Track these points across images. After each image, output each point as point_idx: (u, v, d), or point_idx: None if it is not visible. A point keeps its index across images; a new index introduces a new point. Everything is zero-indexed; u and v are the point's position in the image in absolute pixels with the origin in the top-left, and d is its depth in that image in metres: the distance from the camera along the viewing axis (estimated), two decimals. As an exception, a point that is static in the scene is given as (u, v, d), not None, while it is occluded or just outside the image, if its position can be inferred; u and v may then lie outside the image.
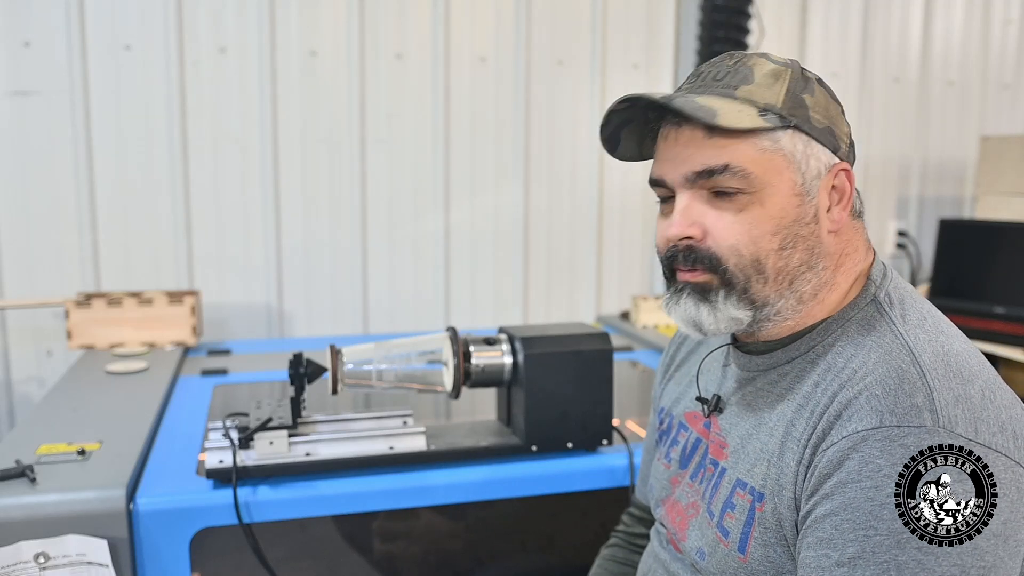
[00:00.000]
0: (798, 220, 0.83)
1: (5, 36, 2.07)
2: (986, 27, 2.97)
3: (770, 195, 0.82)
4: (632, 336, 2.24)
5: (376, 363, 1.25)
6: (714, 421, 0.96)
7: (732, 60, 0.87)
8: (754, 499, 0.84)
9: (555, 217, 2.55)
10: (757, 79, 0.84)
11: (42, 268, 2.15)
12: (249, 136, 2.25)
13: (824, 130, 0.85)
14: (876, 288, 0.87)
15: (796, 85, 0.85)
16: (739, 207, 0.83)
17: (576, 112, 2.52)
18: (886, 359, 0.78)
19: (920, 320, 0.84)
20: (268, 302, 2.33)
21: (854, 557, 0.72)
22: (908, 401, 0.74)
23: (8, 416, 2.20)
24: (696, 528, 0.93)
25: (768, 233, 0.83)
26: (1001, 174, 2.66)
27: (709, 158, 0.82)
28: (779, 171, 0.83)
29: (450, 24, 2.37)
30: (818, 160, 0.84)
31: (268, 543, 1.18)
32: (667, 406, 1.10)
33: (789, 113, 0.83)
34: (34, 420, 1.42)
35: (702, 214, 0.84)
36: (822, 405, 0.80)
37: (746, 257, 0.83)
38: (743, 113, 0.82)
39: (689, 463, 0.99)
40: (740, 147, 0.82)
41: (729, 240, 0.83)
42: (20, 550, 1.05)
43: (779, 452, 0.83)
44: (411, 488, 1.24)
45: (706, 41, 2.44)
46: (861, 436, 0.74)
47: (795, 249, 0.84)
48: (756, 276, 0.84)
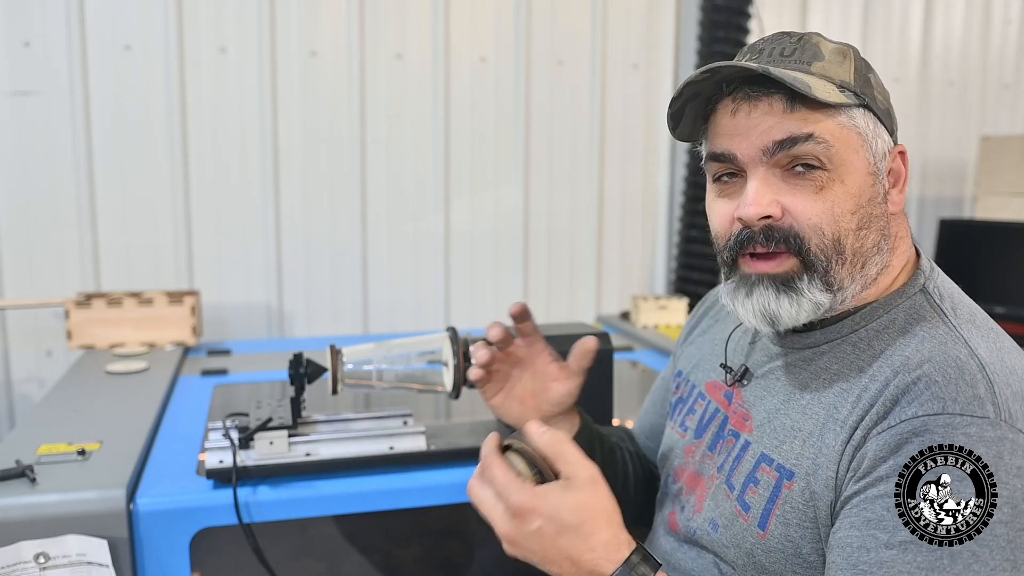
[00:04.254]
0: (872, 199, 0.83)
1: (5, 36, 2.07)
2: (986, 27, 2.97)
3: (848, 172, 0.81)
4: (632, 336, 2.25)
5: (376, 363, 1.25)
6: (736, 392, 0.95)
7: (793, 37, 0.85)
8: (781, 476, 0.83)
9: (555, 217, 2.55)
10: (827, 56, 0.83)
11: (42, 268, 2.15)
12: (249, 136, 2.25)
13: (885, 111, 0.85)
14: (926, 279, 0.86)
15: (861, 64, 0.84)
16: (818, 185, 0.80)
17: (576, 112, 2.52)
18: (942, 349, 0.77)
19: (970, 316, 0.83)
20: (268, 302, 2.33)
21: (906, 542, 0.71)
22: (970, 391, 0.73)
23: (8, 416, 2.20)
24: (711, 499, 0.92)
25: (848, 212, 0.81)
26: (1001, 174, 2.66)
27: (793, 127, 0.79)
28: (855, 149, 0.81)
29: (450, 24, 2.37)
30: (883, 141, 0.84)
31: (268, 543, 1.18)
32: (685, 370, 1.08)
33: (861, 91, 0.83)
34: (34, 420, 1.42)
35: (779, 191, 0.81)
36: (873, 390, 0.78)
37: (828, 237, 0.80)
38: (828, 87, 0.81)
39: (705, 432, 0.98)
40: (822, 121, 0.80)
41: (812, 218, 0.80)
42: (20, 550, 1.05)
43: (819, 433, 0.81)
44: (411, 488, 1.24)
45: (706, 41, 2.44)
46: (922, 422, 0.72)
47: (870, 230, 0.82)
48: (836, 257, 0.81)
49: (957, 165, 3.00)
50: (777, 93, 0.80)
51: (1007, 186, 2.64)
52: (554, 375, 1.06)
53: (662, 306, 2.31)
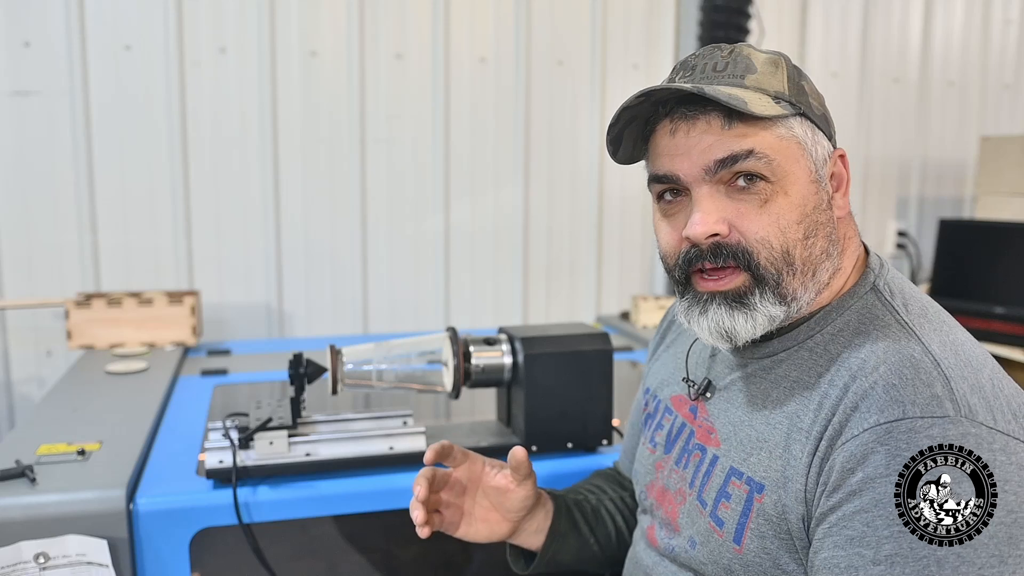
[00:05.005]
0: (817, 207, 0.83)
1: (5, 36, 2.07)
2: (986, 27, 2.97)
3: (791, 183, 0.81)
4: (632, 336, 2.24)
5: (376, 363, 1.25)
6: (701, 406, 0.94)
7: (724, 51, 0.85)
8: (752, 489, 0.83)
9: (555, 217, 2.55)
10: (760, 68, 0.83)
11: (42, 268, 2.16)
12: (249, 136, 2.26)
13: (821, 116, 0.86)
14: (875, 277, 0.86)
15: (793, 72, 0.85)
16: (763, 199, 0.80)
17: (576, 112, 2.52)
18: (896, 348, 0.77)
19: (922, 310, 0.83)
20: (268, 302, 2.33)
21: (891, 555, 0.71)
22: (928, 391, 0.73)
23: (8, 416, 2.20)
24: (686, 516, 0.91)
25: (794, 222, 0.81)
26: (1001, 174, 2.66)
27: (733, 144, 0.80)
28: (796, 159, 0.82)
29: (450, 24, 2.37)
30: (823, 147, 0.85)
31: (268, 543, 1.18)
32: (652, 387, 1.08)
33: (796, 100, 0.83)
34: (34, 420, 1.42)
35: (725, 208, 0.81)
36: (833, 396, 0.78)
37: (777, 249, 0.80)
38: (764, 100, 0.81)
39: (673, 447, 0.98)
40: (761, 134, 0.80)
41: (759, 233, 0.80)
42: (20, 550, 1.05)
43: (784, 444, 0.81)
44: (411, 488, 1.24)
45: (706, 41, 2.44)
46: (885, 429, 0.72)
47: (817, 237, 0.83)
48: (787, 269, 0.81)
49: (957, 165, 3.00)
50: (714, 111, 0.80)
51: (1007, 186, 2.64)
52: (505, 486, 1.03)
53: (662, 306, 2.31)
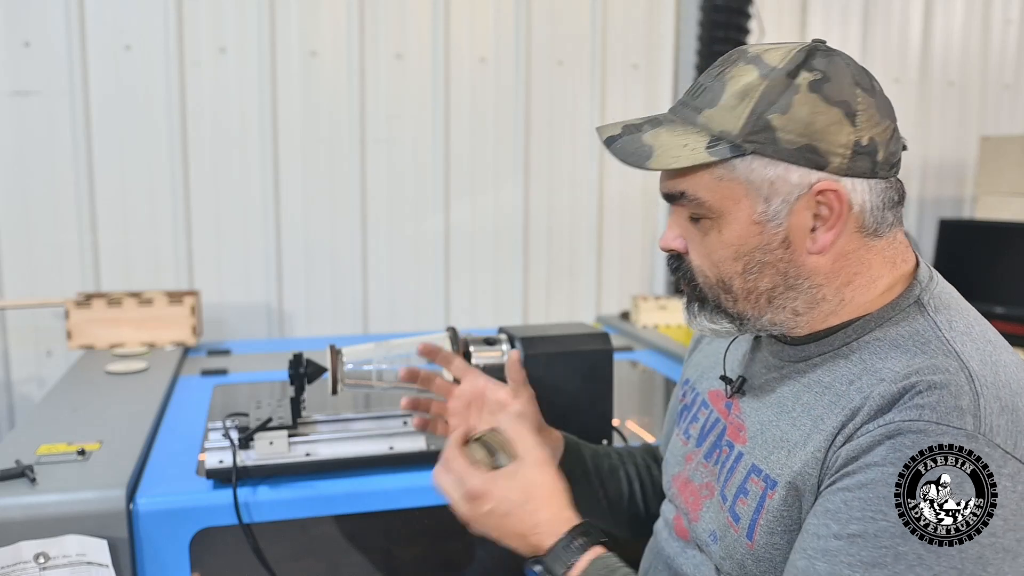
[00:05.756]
0: (760, 247, 0.82)
1: (5, 36, 2.07)
2: (986, 27, 2.97)
3: (727, 223, 0.82)
4: (632, 336, 2.24)
5: (376, 363, 1.24)
6: (735, 403, 0.96)
7: (719, 70, 0.84)
8: (767, 486, 0.84)
9: (555, 217, 2.55)
10: (723, 100, 0.81)
11: (42, 268, 2.15)
12: (249, 136, 2.26)
13: (800, 149, 0.78)
14: (921, 290, 0.85)
15: (763, 104, 0.79)
16: (703, 231, 0.85)
17: (576, 112, 2.52)
18: (931, 362, 0.76)
19: (967, 327, 0.81)
20: (268, 302, 2.33)
21: (854, 535, 0.72)
22: (952, 402, 0.72)
23: (8, 416, 2.20)
24: (709, 510, 0.93)
25: (728, 258, 0.84)
26: (1001, 174, 2.66)
27: (671, 185, 0.85)
28: (736, 200, 0.81)
29: (450, 24, 2.37)
30: (786, 183, 0.79)
31: (268, 543, 1.18)
32: (692, 378, 1.10)
33: (745, 139, 0.79)
34: (34, 420, 1.42)
35: (685, 230, 0.88)
36: (857, 401, 0.78)
37: (711, 278, 0.86)
38: (686, 149, 0.81)
39: (704, 441, 0.99)
40: (698, 175, 0.82)
41: (696, 260, 0.87)
42: (20, 550, 1.05)
43: (803, 443, 0.81)
44: (411, 488, 1.24)
45: (706, 41, 2.44)
46: (896, 427, 0.73)
47: (761, 274, 0.83)
48: (724, 295, 0.86)
49: (957, 165, 3.01)
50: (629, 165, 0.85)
51: (1007, 186, 2.65)
52: (504, 399, 1.09)
53: (662, 306, 2.31)
